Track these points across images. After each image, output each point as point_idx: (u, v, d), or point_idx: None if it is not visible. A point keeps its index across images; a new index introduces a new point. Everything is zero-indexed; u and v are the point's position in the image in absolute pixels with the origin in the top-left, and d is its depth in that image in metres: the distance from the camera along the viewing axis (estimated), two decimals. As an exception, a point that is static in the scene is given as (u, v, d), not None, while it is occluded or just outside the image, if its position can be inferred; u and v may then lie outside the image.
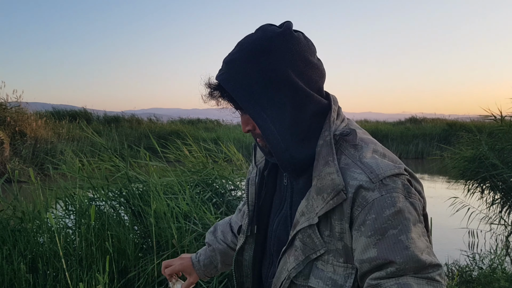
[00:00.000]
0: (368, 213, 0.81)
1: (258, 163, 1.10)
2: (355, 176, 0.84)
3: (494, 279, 3.29)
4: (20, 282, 2.81)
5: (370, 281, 0.80)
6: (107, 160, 3.91)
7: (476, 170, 5.71)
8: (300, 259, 0.88)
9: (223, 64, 0.92)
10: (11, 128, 11.83)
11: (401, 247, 0.79)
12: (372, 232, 0.80)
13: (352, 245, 0.84)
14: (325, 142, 0.89)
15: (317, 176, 0.87)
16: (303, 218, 0.88)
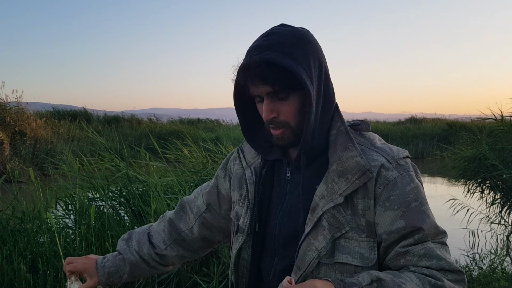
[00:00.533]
0: (392, 189, 0.92)
1: (249, 163, 1.13)
2: (374, 158, 0.95)
3: (494, 279, 3.29)
4: (20, 282, 2.81)
5: (399, 249, 0.92)
6: (108, 160, 3.91)
7: (476, 170, 5.70)
8: (328, 238, 0.94)
9: (262, 47, 0.90)
10: (11, 128, 11.83)
11: (425, 216, 0.92)
12: (398, 206, 0.92)
13: (375, 220, 0.93)
14: (340, 131, 0.99)
15: (337, 160, 0.95)
16: (323, 201, 0.95)
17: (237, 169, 1.16)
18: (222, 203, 1.21)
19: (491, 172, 5.40)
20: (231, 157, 1.23)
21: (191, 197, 1.29)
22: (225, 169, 1.23)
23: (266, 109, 0.95)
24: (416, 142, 19.31)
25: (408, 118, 25.03)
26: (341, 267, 0.93)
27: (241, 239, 1.07)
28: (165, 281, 2.91)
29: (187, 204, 1.28)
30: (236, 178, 1.15)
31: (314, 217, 0.95)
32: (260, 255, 1.08)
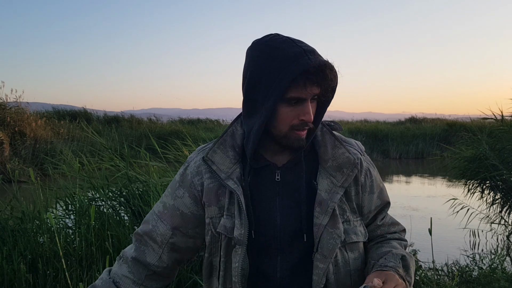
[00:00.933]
0: (369, 176, 1.14)
1: (228, 174, 1.07)
2: (353, 152, 1.12)
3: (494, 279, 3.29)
4: (20, 282, 2.81)
5: (378, 223, 1.19)
6: (107, 159, 3.90)
7: (476, 170, 5.70)
8: (342, 225, 1.07)
9: (315, 52, 1.00)
10: (11, 128, 11.83)
11: (386, 192, 1.21)
12: (375, 189, 1.15)
13: (361, 203, 1.13)
14: (324, 132, 1.14)
15: (331, 157, 1.09)
16: (330, 194, 1.07)
17: (209, 183, 1.10)
18: (188, 223, 1.14)
19: (491, 172, 5.40)
20: (189, 174, 1.14)
21: (148, 228, 1.16)
22: (183, 187, 1.14)
23: (309, 112, 1.02)
24: (416, 142, 19.31)
25: (408, 118, 25.03)
26: (351, 246, 1.10)
27: (240, 251, 1.05)
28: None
29: (145, 235, 1.16)
30: (210, 193, 1.10)
31: (325, 209, 1.05)
32: (257, 260, 1.08)
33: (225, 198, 1.08)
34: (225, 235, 1.07)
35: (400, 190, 11.19)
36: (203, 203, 1.12)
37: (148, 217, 1.20)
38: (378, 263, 1.07)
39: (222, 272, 1.09)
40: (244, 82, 1.07)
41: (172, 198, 1.16)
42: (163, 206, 1.17)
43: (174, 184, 1.17)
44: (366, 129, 19.91)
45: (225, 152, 1.10)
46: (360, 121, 24.72)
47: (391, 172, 15.05)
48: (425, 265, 3.73)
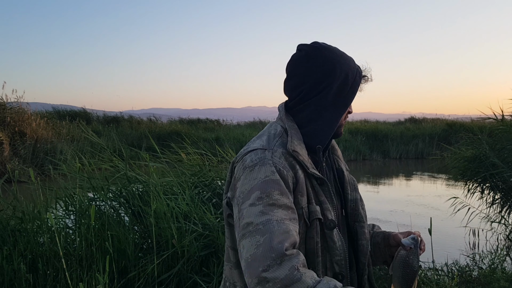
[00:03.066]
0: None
1: (309, 163, 1.16)
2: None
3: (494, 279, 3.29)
4: (20, 282, 2.81)
5: None
6: (107, 160, 3.90)
7: (476, 170, 5.70)
8: None
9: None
10: (11, 128, 11.83)
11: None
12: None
13: None
14: None
15: (337, 148, 1.37)
16: (349, 175, 1.31)
17: (299, 174, 1.11)
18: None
19: (491, 172, 5.40)
20: (282, 170, 1.09)
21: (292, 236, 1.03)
22: (286, 184, 1.08)
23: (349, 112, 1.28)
24: (416, 142, 19.31)
25: (408, 118, 25.03)
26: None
27: (336, 231, 1.16)
28: (165, 281, 2.91)
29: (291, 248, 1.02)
30: (301, 183, 1.11)
31: (353, 186, 1.29)
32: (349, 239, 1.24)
33: (309, 187, 1.14)
34: (320, 220, 1.13)
35: (400, 190, 11.19)
36: (296, 194, 1.11)
37: (281, 228, 1.01)
38: (376, 231, 1.37)
39: (319, 258, 1.13)
40: (306, 81, 1.19)
41: (287, 196, 1.07)
42: (286, 208, 1.05)
43: (277, 183, 1.06)
44: (366, 129, 19.90)
45: (300, 144, 1.17)
46: (360, 121, 24.71)
47: (391, 172, 15.04)
48: (425, 265, 3.73)
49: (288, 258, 0.96)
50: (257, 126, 22.40)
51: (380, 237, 1.32)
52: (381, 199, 9.48)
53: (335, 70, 1.18)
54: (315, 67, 1.18)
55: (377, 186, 11.70)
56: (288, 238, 0.99)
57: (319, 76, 1.18)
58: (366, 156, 18.24)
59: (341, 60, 1.20)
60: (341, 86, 1.19)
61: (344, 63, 1.20)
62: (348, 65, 1.20)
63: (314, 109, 1.20)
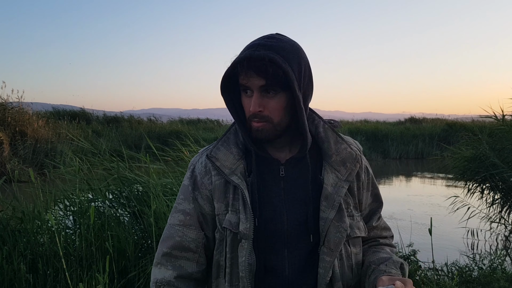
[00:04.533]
0: (367, 174, 1.19)
1: (232, 170, 1.09)
2: (354, 149, 1.14)
3: (494, 279, 3.29)
4: (20, 282, 2.81)
5: (373, 224, 1.22)
6: (104, 161, 3.90)
7: (476, 170, 5.70)
8: (347, 219, 1.10)
9: (266, 46, 1.02)
10: (12, 128, 11.83)
11: (380, 193, 1.24)
12: (370, 187, 1.20)
13: (360, 199, 1.16)
14: (326, 128, 1.15)
15: (335, 152, 1.12)
16: (335, 189, 1.09)
17: (215, 180, 1.11)
18: (209, 224, 1.15)
19: (491, 171, 5.40)
20: (197, 175, 1.15)
21: (174, 241, 1.13)
22: (195, 189, 1.15)
23: (254, 102, 1.04)
24: (416, 142, 19.31)
25: (408, 118, 25.04)
26: (354, 241, 1.13)
27: (247, 245, 1.06)
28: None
29: (175, 250, 1.13)
30: (217, 190, 1.11)
31: (331, 203, 1.08)
32: (264, 255, 1.08)
33: (229, 194, 1.10)
34: (230, 230, 1.08)
35: (400, 190, 11.19)
36: (213, 201, 1.13)
37: (168, 232, 1.15)
38: (379, 268, 1.09)
39: (228, 269, 1.09)
40: None
41: (189, 202, 1.14)
42: (183, 213, 1.14)
43: (185, 189, 1.16)
44: (366, 129, 19.90)
45: (228, 149, 1.12)
46: (360, 121, 24.72)
47: (391, 172, 15.04)
48: (425, 265, 3.73)
49: (160, 266, 1.14)
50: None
51: (374, 276, 1.09)
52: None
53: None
54: None
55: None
56: (168, 242, 1.14)
57: None
58: (366, 156, 18.00)
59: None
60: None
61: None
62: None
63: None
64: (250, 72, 1.01)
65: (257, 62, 0.99)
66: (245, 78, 1.03)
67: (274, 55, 1.00)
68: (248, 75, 1.02)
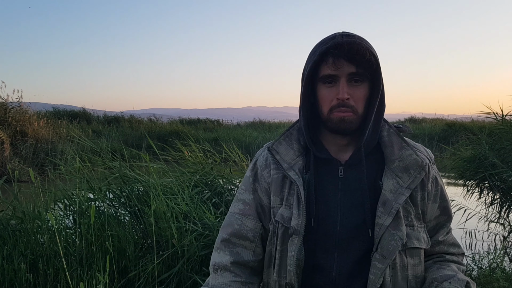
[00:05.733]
0: (435, 185, 1.12)
1: (291, 165, 1.11)
2: (422, 156, 1.09)
3: (494, 279, 3.29)
4: (20, 282, 2.81)
5: (439, 238, 1.15)
6: (107, 160, 3.91)
7: (475, 170, 5.70)
8: (405, 227, 1.06)
9: (350, 35, 1.02)
10: (12, 128, 11.83)
11: (450, 207, 1.18)
12: (439, 199, 1.13)
13: (425, 209, 1.10)
14: (391, 133, 1.12)
15: (398, 158, 1.08)
16: (394, 195, 1.05)
17: (273, 174, 1.13)
18: (268, 215, 1.17)
19: (490, 172, 5.40)
20: (258, 167, 1.18)
21: (234, 229, 1.16)
22: (256, 181, 1.18)
23: (343, 89, 1.02)
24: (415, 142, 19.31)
25: (408, 118, 25.05)
26: (411, 251, 1.08)
27: (297, 241, 1.06)
28: (165, 281, 2.92)
29: (233, 237, 1.16)
30: (275, 183, 1.13)
31: (389, 209, 1.04)
32: (314, 253, 1.09)
33: (285, 188, 1.11)
34: (282, 223, 1.09)
35: (400, 190, 11.18)
36: (270, 194, 1.15)
37: (228, 220, 1.19)
38: (442, 286, 1.05)
39: (277, 260, 1.10)
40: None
41: (249, 193, 1.18)
42: (243, 203, 1.18)
43: (247, 180, 1.20)
44: (366, 129, 19.89)
45: (290, 144, 1.13)
46: (360, 121, 24.71)
47: (391, 172, 15.01)
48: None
49: (219, 250, 1.17)
50: (257, 126, 22.39)
51: None
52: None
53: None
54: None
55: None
56: (228, 230, 1.17)
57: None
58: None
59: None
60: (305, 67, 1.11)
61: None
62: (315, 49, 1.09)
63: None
64: (340, 60, 1.01)
65: (351, 48, 0.99)
66: (333, 67, 1.02)
67: (363, 41, 1.01)
68: (337, 63, 1.01)
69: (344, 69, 1.02)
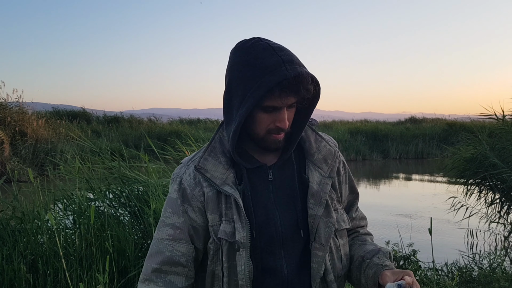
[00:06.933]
0: (344, 168, 1.22)
1: (222, 180, 1.08)
2: (332, 145, 1.20)
3: (494, 279, 3.29)
4: (20, 282, 2.81)
5: (352, 215, 1.26)
6: (103, 160, 3.91)
7: (475, 170, 5.71)
8: (335, 213, 1.14)
9: (293, 62, 1.01)
10: (11, 128, 11.84)
11: (355, 185, 1.28)
12: (348, 180, 1.24)
13: (341, 191, 1.20)
14: (306, 128, 1.18)
15: (316, 150, 1.16)
16: (320, 186, 1.12)
17: (207, 191, 1.09)
18: (200, 236, 1.13)
19: (490, 172, 5.40)
20: (187, 187, 1.12)
21: (164, 256, 1.11)
22: (185, 202, 1.12)
23: (285, 119, 1.05)
24: (416, 142, 19.31)
25: (408, 118, 25.04)
26: (340, 233, 1.17)
27: (244, 254, 1.05)
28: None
29: (165, 265, 1.11)
30: (211, 201, 1.09)
31: (318, 200, 1.11)
32: (261, 260, 1.08)
33: (222, 204, 1.08)
34: (226, 240, 1.07)
35: (400, 190, 11.20)
36: (206, 212, 1.11)
37: (157, 247, 1.12)
38: (373, 262, 1.14)
39: (226, 278, 1.08)
40: (225, 86, 1.09)
41: (178, 215, 1.12)
42: (172, 228, 1.12)
43: (173, 202, 1.13)
44: (366, 129, 19.90)
45: (216, 159, 1.10)
46: (360, 121, 24.72)
47: (391, 172, 15.04)
48: (425, 265, 3.73)
49: (149, 282, 1.10)
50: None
51: (373, 271, 1.11)
52: (381, 199, 9.48)
53: (230, 68, 1.07)
54: (226, 68, 1.11)
55: (377, 186, 11.70)
56: (157, 258, 1.10)
57: (225, 75, 1.10)
58: (366, 156, 18.24)
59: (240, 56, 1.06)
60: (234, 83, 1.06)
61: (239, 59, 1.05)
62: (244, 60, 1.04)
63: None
64: (286, 93, 1.00)
65: (297, 82, 0.98)
66: (278, 100, 1.01)
67: (305, 70, 1.00)
68: (283, 97, 1.01)
69: (287, 101, 1.02)
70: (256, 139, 1.10)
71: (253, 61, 1.01)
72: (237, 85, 1.03)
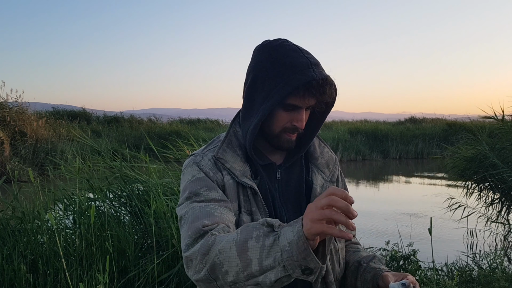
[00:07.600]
0: (341, 175, 1.28)
1: (241, 172, 1.09)
2: (332, 152, 1.27)
3: (494, 279, 3.29)
4: (20, 282, 2.81)
5: None
6: (105, 160, 3.91)
7: (475, 170, 5.71)
8: None
9: (318, 65, 1.04)
10: (11, 128, 11.84)
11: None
12: (343, 187, 1.26)
13: None
14: None
15: (320, 155, 1.22)
16: (322, 189, 1.16)
17: (227, 179, 1.09)
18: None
19: (490, 172, 5.40)
20: (209, 171, 1.10)
21: (215, 217, 1.01)
22: (213, 181, 1.09)
23: (303, 119, 1.08)
24: (416, 142, 19.32)
25: (408, 118, 25.05)
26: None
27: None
28: (165, 281, 2.92)
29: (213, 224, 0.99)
30: (230, 189, 1.09)
31: None
32: None
33: (240, 195, 1.09)
34: None
35: (400, 190, 11.20)
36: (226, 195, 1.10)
37: (203, 210, 1.02)
38: (370, 266, 1.15)
39: None
40: (247, 82, 1.11)
41: (216, 190, 1.06)
42: (215, 201, 1.05)
43: (203, 180, 1.07)
44: (366, 129, 19.90)
45: (234, 151, 1.12)
46: (360, 121, 24.72)
47: (391, 172, 15.04)
48: (424, 265, 3.73)
49: (205, 232, 0.95)
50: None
51: (371, 274, 1.12)
52: (381, 199, 9.48)
53: (256, 65, 1.09)
54: (250, 65, 1.12)
55: (377, 186, 11.70)
56: (208, 218, 0.98)
57: (248, 72, 1.11)
58: (366, 156, 18.24)
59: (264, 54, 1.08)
60: (260, 80, 1.07)
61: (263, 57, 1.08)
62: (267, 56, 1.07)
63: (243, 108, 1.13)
64: (310, 94, 1.02)
65: (322, 85, 1.01)
66: (301, 100, 1.04)
67: (327, 74, 1.03)
68: (306, 98, 1.03)
69: (309, 102, 1.05)
70: (270, 136, 1.12)
71: (282, 59, 1.04)
72: (263, 81, 1.06)
